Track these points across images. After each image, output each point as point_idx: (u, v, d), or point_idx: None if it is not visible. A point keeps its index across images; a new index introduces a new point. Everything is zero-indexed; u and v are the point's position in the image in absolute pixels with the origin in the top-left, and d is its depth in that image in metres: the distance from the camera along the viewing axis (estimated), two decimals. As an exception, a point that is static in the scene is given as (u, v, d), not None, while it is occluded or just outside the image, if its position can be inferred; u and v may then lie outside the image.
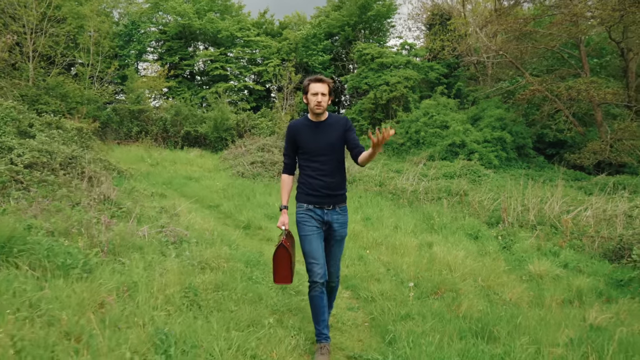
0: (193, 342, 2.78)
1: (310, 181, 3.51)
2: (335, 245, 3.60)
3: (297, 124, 3.64)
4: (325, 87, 3.50)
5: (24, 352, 2.30)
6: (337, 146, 3.53)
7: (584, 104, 20.29)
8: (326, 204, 3.51)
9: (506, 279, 5.19)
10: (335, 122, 3.58)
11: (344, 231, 3.63)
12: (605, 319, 3.75)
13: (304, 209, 3.53)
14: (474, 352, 3.06)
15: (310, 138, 3.51)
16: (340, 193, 3.57)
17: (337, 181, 3.53)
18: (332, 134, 3.52)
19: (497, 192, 11.02)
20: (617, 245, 6.58)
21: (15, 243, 3.67)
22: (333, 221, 3.53)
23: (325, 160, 3.49)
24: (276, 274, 3.45)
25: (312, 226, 3.49)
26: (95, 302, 3.13)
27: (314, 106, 3.49)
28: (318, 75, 3.59)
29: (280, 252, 3.46)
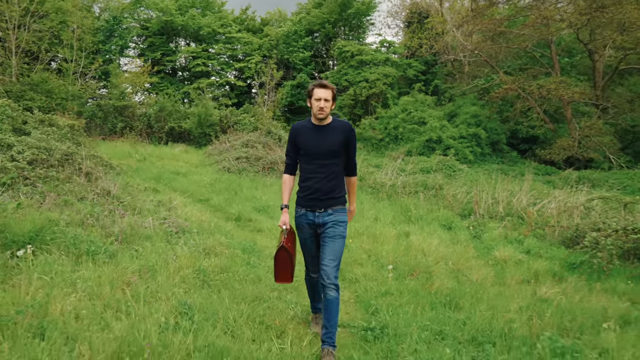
0: (211, 311, 3.35)
1: (306, 183, 3.60)
2: (328, 243, 3.52)
3: (299, 126, 3.72)
4: (329, 92, 3.55)
5: (81, 319, 2.85)
6: (336, 151, 3.57)
7: (554, 101, 21.25)
8: (317, 207, 3.56)
9: (474, 263, 5.86)
10: (339, 128, 3.62)
11: (339, 229, 3.57)
12: (553, 293, 4.43)
13: (298, 213, 3.68)
14: (442, 318, 3.70)
15: (310, 141, 3.58)
16: (335, 196, 3.59)
17: (333, 185, 3.57)
18: (333, 139, 3.56)
19: (470, 186, 11.75)
20: (574, 234, 7.34)
21: (46, 233, 4.18)
22: (325, 221, 3.56)
23: (323, 164, 3.55)
24: (277, 274, 3.53)
25: (307, 233, 3.64)
26: (122, 282, 3.67)
27: (316, 111, 3.53)
28: (322, 81, 3.61)
29: (281, 254, 3.54)
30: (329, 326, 3.29)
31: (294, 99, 28.17)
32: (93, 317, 2.88)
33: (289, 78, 28.93)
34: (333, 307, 3.33)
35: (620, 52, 20.80)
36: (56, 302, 2.91)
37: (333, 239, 3.53)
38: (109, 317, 2.92)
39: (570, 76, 24.83)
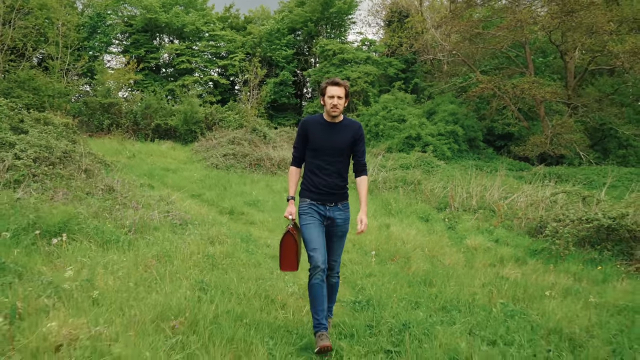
0: (224, 287, 3.97)
1: (313, 178, 3.66)
2: (336, 241, 3.70)
3: (311, 120, 3.74)
4: (342, 90, 3.58)
5: (122, 292, 3.45)
6: (344, 149, 3.65)
7: (528, 100, 22.19)
8: (328, 201, 3.65)
9: (447, 250, 6.57)
10: (349, 127, 3.70)
11: (346, 227, 3.73)
12: (513, 274, 5.14)
13: (306, 203, 3.69)
14: (417, 292, 4.38)
15: (320, 137, 3.63)
16: (342, 192, 3.70)
17: (339, 181, 3.66)
18: (343, 138, 3.64)
19: (447, 181, 12.50)
20: (538, 224, 8.12)
21: (72, 224, 4.75)
22: (336, 217, 3.65)
23: (331, 161, 3.62)
24: (283, 261, 3.57)
25: (313, 217, 3.64)
26: (144, 265, 4.27)
27: (330, 109, 3.58)
28: (335, 79, 3.65)
29: (287, 240, 3.58)
30: (329, 301, 3.66)
31: (277, 96, 28.70)
32: (130, 291, 3.48)
33: (271, 75, 29.41)
34: (334, 289, 3.77)
35: (588, 55, 21.83)
36: (99, 279, 3.51)
37: (341, 238, 3.72)
38: (143, 292, 3.53)
39: (545, 76, 25.91)
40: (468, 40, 23.53)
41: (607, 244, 6.94)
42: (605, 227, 6.89)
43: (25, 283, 3.20)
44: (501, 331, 3.23)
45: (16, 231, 4.17)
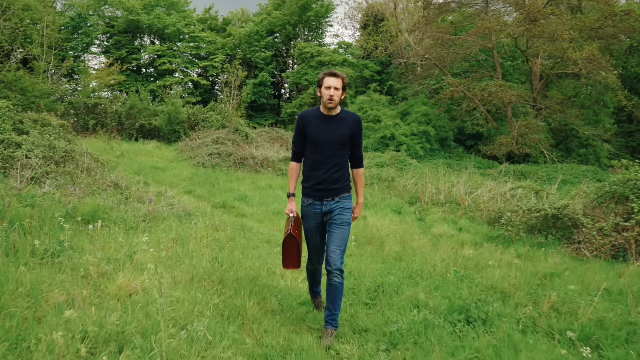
0: (234, 262, 4.90)
1: (312, 173, 3.67)
2: (335, 230, 3.61)
3: (308, 115, 3.72)
4: (339, 81, 3.54)
5: (159, 262, 4.36)
6: (343, 142, 3.62)
7: (497, 102, 23.53)
8: (325, 196, 3.65)
9: (416, 237, 7.60)
10: (347, 119, 3.67)
11: (346, 216, 3.66)
12: (469, 253, 6.20)
13: (305, 203, 3.76)
14: (390, 266, 5.38)
15: (319, 131, 3.60)
16: (342, 186, 3.68)
17: (339, 176, 3.64)
18: (341, 130, 3.61)
19: (418, 178, 13.60)
20: (497, 215, 9.24)
21: (100, 213, 5.61)
22: (333, 208, 3.66)
23: (330, 155, 3.60)
24: (285, 261, 3.68)
25: (313, 223, 3.73)
26: (165, 246, 5.17)
27: (326, 100, 3.54)
28: (333, 70, 3.61)
29: (289, 241, 3.65)
30: (332, 309, 3.52)
31: (256, 97, 29.55)
32: (165, 262, 4.39)
33: (251, 77, 30.23)
34: (338, 292, 3.52)
35: (551, 61, 23.28)
36: (139, 255, 4.41)
37: (340, 226, 3.62)
38: (174, 263, 4.44)
39: (513, 79, 27.40)
40: (440, 45, 24.76)
41: (552, 231, 8.09)
42: (551, 216, 8.03)
43: (83, 257, 4.09)
44: (453, 289, 4.25)
45: (59, 219, 5.02)
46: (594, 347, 3.04)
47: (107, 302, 3.06)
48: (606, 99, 24.96)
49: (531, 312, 3.60)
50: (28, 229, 4.49)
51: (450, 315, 3.50)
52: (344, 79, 3.61)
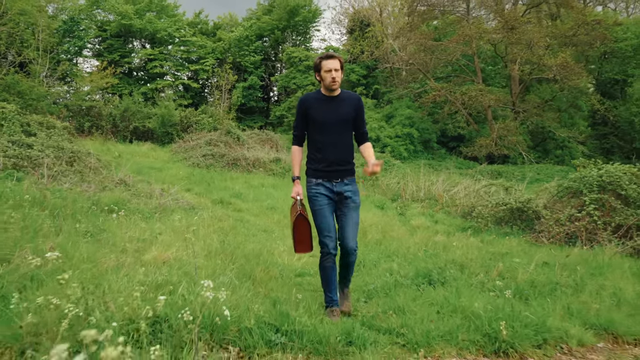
0: (239, 244, 5.77)
1: (317, 155, 3.66)
2: (348, 214, 3.68)
3: (309, 97, 3.74)
4: (337, 62, 3.59)
5: (180, 240, 5.22)
6: (347, 122, 3.67)
7: (477, 105, 24.66)
8: (334, 177, 3.65)
9: (396, 227, 8.53)
10: (348, 99, 3.71)
11: (357, 199, 3.74)
12: (442, 240, 7.13)
13: (313, 183, 3.70)
14: (371, 248, 6.29)
15: (321, 112, 3.63)
16: (348, 168, 3.71)
17: (344, 156, 3.68)
18: (343, 110, 3.66)
19: (401, 177, 14.57)
20: (469, 209, 10.21)
21: (120, 204, 6.45)
22: (344, 190, 3.67)
23: (334, 136, 3.63)
24: (297, 243, 3.66)
25: (323, 200, 3.65)
26: (179, 231, 6.03)
27: (329, 83, 3.57)
28: (329, 52, 3.66)
29: (299, 222, 3.62)
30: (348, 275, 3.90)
31: (246, 99, 30.35)
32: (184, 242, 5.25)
33: (240, 80, 31.03)
34: (351, 266, 3.85)
35: (528, 66, 24.46)
36: (163, 234, 5.26)
37: (354, 210, 3.71)
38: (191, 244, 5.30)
39: (494, 82, 28.60)
40: (423, 50, 25.83)
41: (517, 222, 9.07)
42: (516, 209, 9.01)
43: (116, 236, 4.94)
44: (421, 263, 5.17)
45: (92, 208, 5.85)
46: (524, 299, 3.97)
47: (147, 267, 3.93)
48: (580, 103, 26.19)
49: (482, 277, 4.53)
50: (65, 215, 5.33)
51: (416, 279, 4.42)
52: (341, 59, 3.65)
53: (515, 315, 3.20)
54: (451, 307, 3.45)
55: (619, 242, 7.39)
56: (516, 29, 21.86)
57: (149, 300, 2.79)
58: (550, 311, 3.52)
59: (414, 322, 3.16)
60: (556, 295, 4.06)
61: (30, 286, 2.96)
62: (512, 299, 3.66)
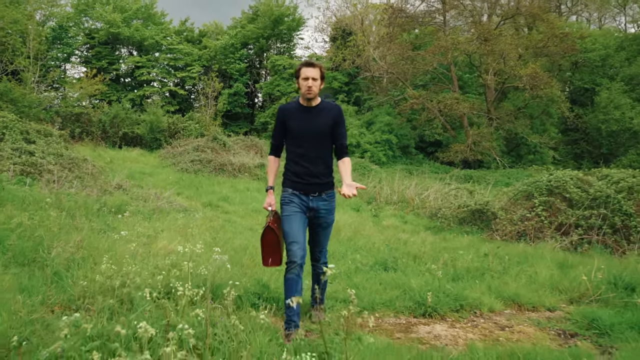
0: (228, 239, 6.72)
1: (295, 168, 3.56)
2: (320, 232, 3.67)
3: (288, 107, 3.65)
4: (316, 71, 3.48)
5: (179, 236, 6.17)
6: (326, 133, 3.55)
7: (453, 113, 25.85)
8: (311, 191, 3.54)
9: (368, 227, 9.54)
10: (326, 109, 3.60)
11: (331, 218, 3.68)
12: (405, 237, 8.14)
13: (288, 193, 3.59)
14: (342, 243, 7.29)
15: (299, 123, 3.53)
16: (326, 181, 3.60)
17: (323, 169, 3.56)
18: (322, 121, 3.54)
19: (377, 181, 15.61)
20: (436, 211, 11.27)
21: (124, 205, 7.37)
22: (319, 207, 3.56)
23: (312, 147, 3.52)
24: (265, 258, 3.56)
25: (294, 207, 3.53)
26: (177, 229, 6.97)
27: (304, 91, 3.47)
28: (310, 60, 3.60)
29: (268, 235, 3.53)
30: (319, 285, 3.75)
31: (231, 106, 31.25)
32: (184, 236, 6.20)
33: (226, 87, 31.91)
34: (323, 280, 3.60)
35: (502, 76, 25.73)
36: (166, 230, 6.20)
37: (326, 229, 3.69)
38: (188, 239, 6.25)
39: (471, 90, 29.87)
40: (402, 60, 26.98)
41: (477, 222, 10.15)
42: (476, 210, 10.10)
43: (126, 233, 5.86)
44: (382, 255, 6.17)
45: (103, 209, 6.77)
46: (458, 280, 5.00)
47: (158, 256, 4.88)
48: (551, 110, 27.55)
49: (429, 266, 5.55)
50: (80, 216, 6.24)
51: (374, 266, 5.42)
52: (322, 68, 3.55)
53: (440, 289, 4.22)
54: (394, 284, 4.46)
55: (560, 239, 8.50)
56: (489, 41, 23.10)
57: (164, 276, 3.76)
58: (472, 287, 4.55)
59: (364, 294, 4.15)
60: (484, 277, 5.09)
61: (73, 266, 3.90)
62: (442, 278, 4.68)
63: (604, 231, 8.37)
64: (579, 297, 4.61)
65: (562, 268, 5.61)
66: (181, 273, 3.60)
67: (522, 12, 25.75)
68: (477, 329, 3.77)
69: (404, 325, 3.75)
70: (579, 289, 4.69)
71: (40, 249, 4.14)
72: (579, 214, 8.75)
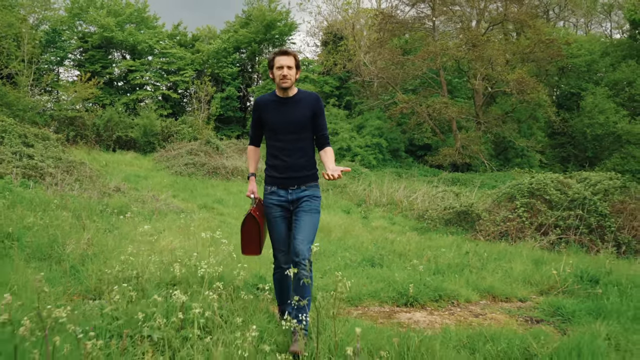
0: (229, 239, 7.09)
1: (274, 161, 3.45)
2: (303, 217, 3.34)
3: (263, 99, 3.51)
4: (291, 59, 3.33)
5: (180, 234, 6.54)
6: (304, 125, 3.40)
7: (442, 117, 26.39)
8: (289, 184, 3.41)
9: (358, 228, 9.96)
10: (305, 99, 3.44)
11: (314, 204, 3.44)
12: (392, 237, 8.57)
13: (268, 192, 3.49)
14: (332, 243, 7.70)
15: (275, 115, 3.40)
16: (307, 174, 3.45)
17: (303, 162, 3.43)
18: (300, 112, 3.39)
19: (367, 184, 16.05)
20: (424, 212, 11.72)
21: (124, 208, 7.74)
22: (300, 196, 3.41)
23: (290, 139, 3.39)
24: (244, 246, 3.49)
25: (277, 211, 3.45)
26: (178, 228, 7.34)
27: (279, 81, 3.33)
28: (283, 48, 3.42)
29: (248, 223, 3.45)
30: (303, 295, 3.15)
31: (224, 109, 31.60)
32: (186, 234, 6.57)
33: (218, 91, 32.26)
34: (306, 289, 3.17)
35: (490, 81, 26.33)
36: (166, 230, 6.57)
37: (308, 212, 3.38)
38: (189, 237, 6.63)
39: (461, 94, 30.46)
40: (393, 65, 27.49)
41: (462, 223, 10.61)
42: (461, 212, 10.55)
43: (127, 233, 6.23)
44: (370, 253, 6.59)
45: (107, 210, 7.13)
46: (438, 274, 5.42)
47: (162, 253, 5.26)
48: (538, 115, 28.17)
49: (413, 263, 5.97)
50: (85, 216, 6.60)
51: (362, 263, 5.83)
52: (296, 56, 3.41)
53: (421, 281, 4.64)
54: (380, 278, 4.88)
55: (539, 238, 8.96)
56: (477, 46, 23.66)
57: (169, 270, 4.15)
58: (451, 280, 4.97)
59: (352, 286, 4.57)
60: (464, 272, 5.52)
61: (87, 261, 4.28)
62: (424, 272, 5.10)
63: (580, 231, 8.85)
64: (548, 289, 5.05)
65: (536, 264, 6.05)
66: (191, 262, 3.99)
67: (510, 18, 26.38)
68: (454, 316, 4.19)
69: (387, 313, 4.17)
70: (549, 282, 5.14)
71: (55, 245, 4.51)
72: (558, 215, 9.22)
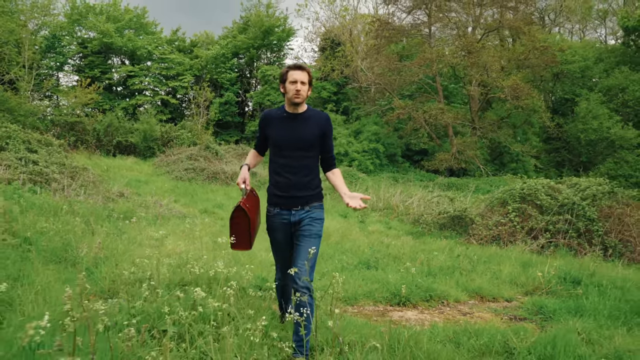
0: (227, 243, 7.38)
1: (277, 178, 3.35)
2: (303, 243, 3.23)
3: (271, 113, 3.42)
4: (305, 75, 3.25)
5: (185, 237, 6.83)
6: (312, 143, 3.31)
7: (438, 123, 26.74)
8: (293, 205, 3.31)
9: (355, 232, 10.25)
10: (314, 117, 3.35)
11: (315, 227, 3.32)
12: (388, 241, 8.86)
13: (271, 213, 3.40)
14: (330, 247, 7.99)
15: (282, 131, 3.31)
16: (311, 193, 3.35)
17: (307, 180, 3.33)
18: (309, 130, 3.30)
19: (364, 189, 16.35)
20: (419, 217, 12.02)
21: (130, 213, 8.02)
22: (303, 218, 3.30)
23: (296, 157, 3.30)
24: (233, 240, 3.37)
25: (281, 234, 3.39)
26: (183, 232, 7.63)
27: (292, 95, 3.22)
28: (298, 62, 3.36)
29: (238, 215, 3.30)
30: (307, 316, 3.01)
31: (222, 115, 31.91)
32: (191, 237, 6.86)
33: (217, 96, 32.57)
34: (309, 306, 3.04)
35: (485, 87, 26.70)
36: (171, 234, 6.85)
37: (309, 237, 3.27)
38: (193, 241, 6.91)
39: (457, 99, 30.83)
40: (389, 71, 27.85)
41: (456, 227, 10.91)
42: (455, 216, 10.86)
43: (134, 237, 6.52)
44: (366, 256, 6.88)
45: (113, 215, 7.41)
46: (430, 276, 5.72)
47: (167, 256, 5.55)
48: (532, 120, 28.55)
49: (406, 265, 6.27)
50: (92, 221, 6.89)
51: (358, 265, 6.13)
52: (310, 73, 3.32)
53: (413, 282, 4.94)
54: (375, 279, 5.18)
55: (530, 242, 9.28)
56: (473, 53, 24.04)
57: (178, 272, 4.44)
58: (442, 282, 5.28)
59: (348, 287, 4.86)
60: (454, 274, 5.82)
61: (100, 264, 4.57)
62: (416, 274, 5.40)
63: (569, 235, 9.17)
64: (533, 289, 5.36)
65: (524, 267, 6.36)
66: (199, 263, 4.28)
67: (505, 25, 26.79)
68: (443, 315, 4.49)
69: (380, 312, 4.46)
70: (534, 283, 5.45)
71: (69, 249, 4.80)
72: (548, 219, 9.54)
